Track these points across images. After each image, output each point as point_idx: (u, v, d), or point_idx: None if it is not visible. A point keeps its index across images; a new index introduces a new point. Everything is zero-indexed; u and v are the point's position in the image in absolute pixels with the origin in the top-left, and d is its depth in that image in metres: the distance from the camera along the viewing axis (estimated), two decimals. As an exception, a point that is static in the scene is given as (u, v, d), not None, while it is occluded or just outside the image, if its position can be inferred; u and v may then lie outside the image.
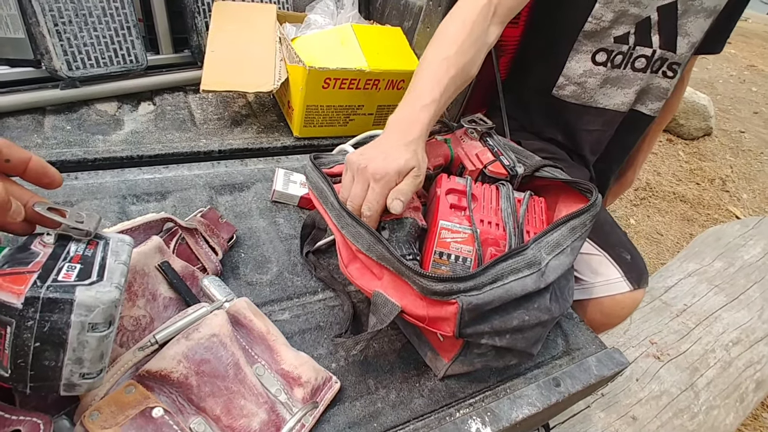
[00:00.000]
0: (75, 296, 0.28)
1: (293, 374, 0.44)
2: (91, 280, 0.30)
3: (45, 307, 0.28)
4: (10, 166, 0.34)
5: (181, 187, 0.67)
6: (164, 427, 0.36)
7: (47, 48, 0.75)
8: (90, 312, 0.29)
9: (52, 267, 0.30)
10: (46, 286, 0.28)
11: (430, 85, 0.55)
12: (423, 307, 0.43)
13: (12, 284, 0.28)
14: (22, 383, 0.29)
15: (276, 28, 0.89)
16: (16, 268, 0.29)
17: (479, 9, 0.60)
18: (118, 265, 0.33)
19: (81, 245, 0.34)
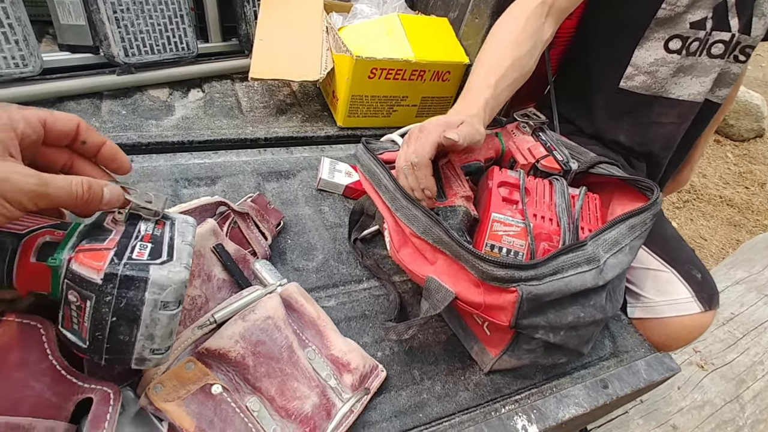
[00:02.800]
0: (149, 275, 0.29)
1: (343, 360, 0.44)
2: (162, 259, 0.31)
3: (122, 283, 0.29)
4: (86, 148, 0.36)
5: (230, 172, 0.69)
6: (223, 403, 0.36)
7: (106, 34, 0.77)
8: (163, 291, 0.29)
9: (126, 245, 0.31)
10: (123, 264, 0.29)
11: (486, 75, 0.56)
12: (479, 294, 0.42)
13: (92, 260, 0.29)
14: (98, 355, 0.30)
15: (323, 17, 0.89)
16: (93, 245, 0.30)
17: (533, 7, 0.60)
18: (185, 245, 0.34)
19: (150, 224, 0.35)
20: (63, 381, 0.33)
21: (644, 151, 0.78)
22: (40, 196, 0.28)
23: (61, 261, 0.30)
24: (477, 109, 0.53)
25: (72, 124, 0.34)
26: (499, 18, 0.63)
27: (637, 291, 0.73)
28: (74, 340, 0.30)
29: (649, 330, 0.70)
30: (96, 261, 0.29)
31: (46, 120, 0.32)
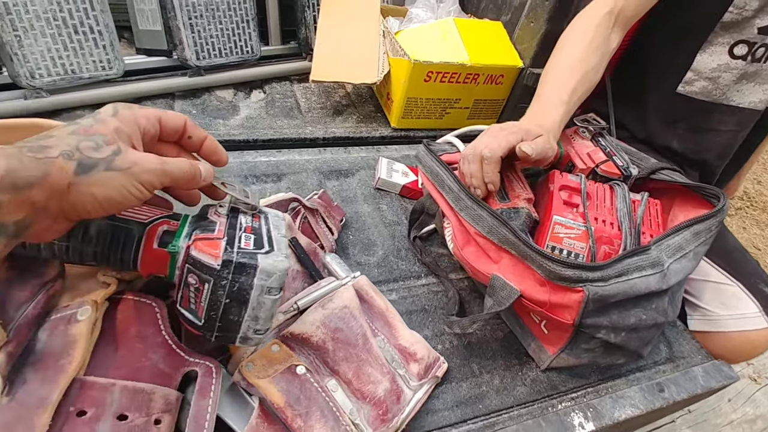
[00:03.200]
0: (258, 262, 0.32)
1: (410, 350, 0.47)
2: (266, 249, 0.34)
3: (236, 269, 0.32)
4: (191, 143, 0.40)
5: (293, 170, 0.73)
6: (307, 383, 0.40)
7: (181, 39, 0.83)
8: (269, 277, 0.33)
9: (233, 235, 0.35)
10: (236, 251, 0.33)
11: (558, 89, 0.57)
12: (544, 292, 0.44)
13: (210, 248, 0.33)
14: (210, 332, 0.34)
15: (380, 21, 0.92)
16: (207, 234, 0.34)
17: (600, 18, 0.61)
18: (282, 237, 0.37)
19: (248, 217, 0.38)
20: (173, 354, 0.37)
21: (698, 159, 0.77)
22: (163, 173, 0.32)
23: (179, 248, 0.34)
24: (552, 124, 0.55)
25: (181, 121, 0.38)
26: (566, 28, 0.64)
27: (696, 302, 0.72)
28: (191, 318, 0.34)
29: (709, 342, 0.69)
30: (213, 249, 0.32)
31: (161, 117, 0.36)
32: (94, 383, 0.32)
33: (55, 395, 0.30)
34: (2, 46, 0.69)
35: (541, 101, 0.58)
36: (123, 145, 0.31)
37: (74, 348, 0.33)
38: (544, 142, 0.51)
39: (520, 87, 0.92)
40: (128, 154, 0.31)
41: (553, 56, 0.63)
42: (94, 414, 0.31)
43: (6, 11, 0.68)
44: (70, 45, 0.74)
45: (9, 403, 0.30)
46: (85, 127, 0.31)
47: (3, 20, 0.68)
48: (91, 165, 0.29)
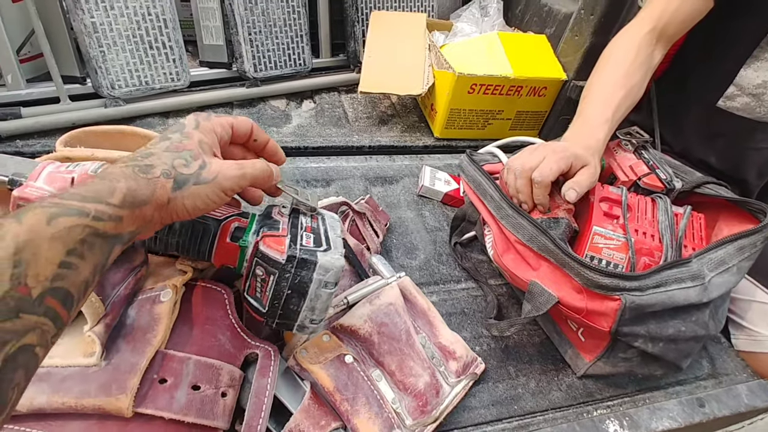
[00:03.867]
0: (318, 259, 0.36)
1: (449, 348, 0.50)
2: (324, 247, 0.38)
3: (299, 264, 0.36)
4: (256, 145, 0.44)
5: (342, 176, 0.77)
6: (354, 371, 0.43)
7: (241, 53, 0.90)
8: (326, 272, 0.36)
9: (295, 234, 0.39)
10: (298, 248, 0.36)
11: (602, 106, 0.58)
12: (581, 299, 0.46)
13: (276, 244, 0.37)
14: (272, 319, 0.38)
15: (425, 35, 0.96)
16: (273, 232, 0.38)
17: (643, 35, 0.61)
18: (338, 238, 0.41)
19: (307, 218, 0.42)
20: (238, 336, 0.41)
21: (735, 176, 0.75)
22: (242, 177, 0.36)
23: (248, 243, 0.39)
24: (597, 143, 0.56)
25: (248, 125, 0.42)
26: (608, 45, 0.65)
27: (741, 322, 0.70)
28: (256, 306, 0.38)
29: (754, 363, 0.67)
30: (279, 245, 0.37)
31: (233, 124, 0.40)
32: (173, 356, 0.37)
33: (143, 363, 0.35)
34: (89, 60, 0.78)
35: (585, 118, 0.59)
36: (206, 157, 0.35)
37: (158, 324, 0.38)
38: (588, 177, 0.52)
39: (563, 99, 0.93)
40: (212, 165, 0.35)
41: (596, 73, 0.64)
42: (173, 383, 0.36)
43: (94, 30, 0.76)
44: (145, 59, 0.82)
45: (106, 366, 0.35)
46: (176, 143, 0.35)
47: (91, 37, 0.76)
48: (184, 181, 0.33)
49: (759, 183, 0.76)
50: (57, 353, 0.35)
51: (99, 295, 0.35)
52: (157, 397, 0.35)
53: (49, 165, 0.38)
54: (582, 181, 0.52)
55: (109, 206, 0.28)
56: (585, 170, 0.52)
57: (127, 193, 0.30)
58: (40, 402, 0.33)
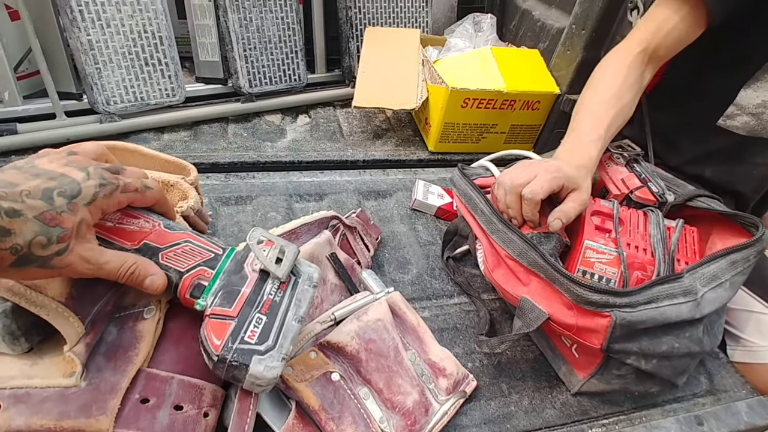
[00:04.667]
0: (250, 367, 0.34)
1: (439, 365, 0.49)
2: (267, 344, 0.35)
3: (230, 367, 0.34)
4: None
5: (335, 190, 0.77)
6: (340, 389, 0.43)
7: (236, 69, 0.91)
8: (257, 379, 0.35)
9: (244, 319, 0.36)
10: (234, 348, 0.34)
11: (593, 124, 0.58)
12: (572, 316, 0.45)
13: (215, 335, 0.35)
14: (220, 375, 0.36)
15: (419, 50, 0.97)
16: (223, 309, 0.36)
17: (633, 56, 0.62)
18: (294, 324, 0.37)
19: (275, 285, 0.39)
20: (222, 355, 0.41)
21: (731, 190, 0.75)
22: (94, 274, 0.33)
23: (203, 307, 0.37)
24: (589, 160, 0.55)
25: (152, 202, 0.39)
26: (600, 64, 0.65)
27: (737, 333, 0.70)
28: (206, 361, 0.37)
29: (751, 375, 0.66)
30: (218, 337, 0.35)
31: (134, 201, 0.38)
32: (156, 375, 0.36)
33: (124, 383, 0.35)
34: (85, 76, 0.79)
35: (577, 135, 0.59)
36: (74, 242, 0.31)
37: (140, 342, 0.37)
38: (577, 205, 0.51)
39: (556, 112, 0.93)
40: (70, 254, 0.31)
41: (587, 91, 0.64)
42: (156, 403, 0.35)
43: (90, 47, 0.77)
44: (140, 75, 0.83)
45: (86, 386, 0.34)
46: (54, 212, 0.30)
47: (87, 55, 0.77)
48: (30, 261, 0.29)
49: (755, 197, 0.76)
50: (37, 374, 0.34)
51: (78, 314, 0.34)
52: (138, 418, 0.34)
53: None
54: (569, 210, 0.51)
55: None
56: (575, 196, 0.52)
57: None
58: (18, 424, 0.32)
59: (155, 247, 0.38)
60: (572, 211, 0.51)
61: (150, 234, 0.38)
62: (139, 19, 0.80)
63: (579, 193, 0.52)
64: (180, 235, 0.39)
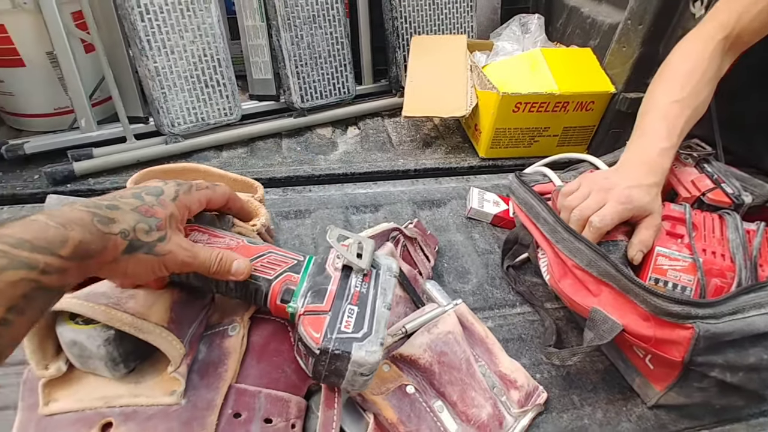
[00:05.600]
0: (352, 354, 0.36)
1: (510, 377, 0.49)
2: (363, 331, 0.37)
3: (332, 357, 0.36)
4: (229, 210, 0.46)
5: (389, 201, 0.78)
6: (416, 402, 0.43)
7: (289, 85, 0.94)
8: (360, 367, 0.36)
9: (337, 310, 0.38)
10: (333, 339, 0.35)
11: (666, 129, 0.54)
12: (648, 327, 0.44)
13: (312, 330, 0.36)
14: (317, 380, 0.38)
15: (467, 56, 0.96)
16: (316, 305, 0.38)
17: (714, 44, 0.56)
18: (384, 311, 0.39)
19: (359, 278, 0.41)
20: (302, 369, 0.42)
21: None
22: (189, 266, 0.36)
23: (295, 309, 0.39)
24: (660, 176, 0.52)
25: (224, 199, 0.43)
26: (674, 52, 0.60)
27: None
28: (303, 368, 0.39)
29: None
30: (316, 331, 0.36)
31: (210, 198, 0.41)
32: (245, 390, 0.39)
33: (219, 399, 0.37)
34: (152, 101, 0.84)
35: (647, 143, 0.54)
36: (170, 231, 0.35)
37: (228, 358, 0.40)
38: (653, 232, 0.49)
39: (612, 112, 0.90)
40: (169, 242, 0.34)
41: (660, 85, 0.58)
42: (247, 417, 0.37)
43: (156, 73, 0.82)
44: (201, 97, 0.87)
45: (186, 404, 0.37)
46: (147, 206, 0.34)
47: (154, 80, 0.82)
48: (138, 247, 0.32)
49: None
50: (141, 392, 0.37)
51: (179, 336, 0.37)
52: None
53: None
54: (647, 240, 0.49)
55: (58, 258, 0.27)
56: (649, 222, 0.50)
57: (79, 245, 0.28)
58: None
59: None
60: (650, 239, 0.49)
61: (236, 249, 0.41)
62: (199, 43, 0.84)
63: (653, 218, 0.50)
64: (262, 248, 0.42)
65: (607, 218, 0.49)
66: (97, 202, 0.32)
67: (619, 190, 0.51)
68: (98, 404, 0.36)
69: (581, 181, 0.55)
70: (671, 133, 0.54)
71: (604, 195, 0.51)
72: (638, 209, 0.50)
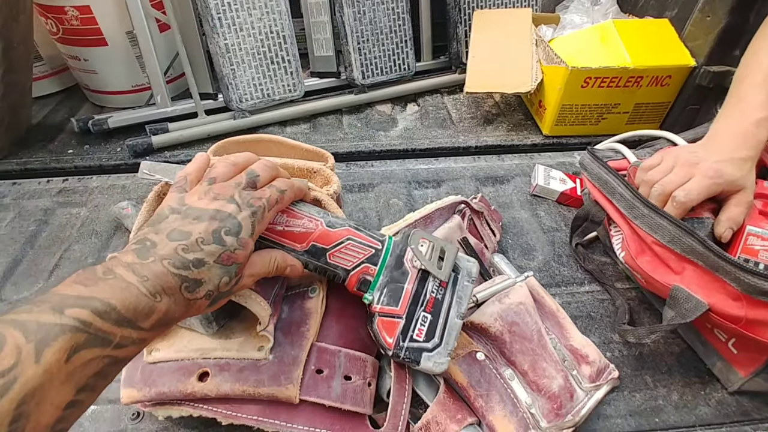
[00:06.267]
0: (420, 364, 0.37)
1: (581, 352, 0.48)
2: (434, 342, 0.38)
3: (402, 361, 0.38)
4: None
5: (451, 177, 0.78)
6: (486, 368, 0.44)
7: (350, 62, 0.95)
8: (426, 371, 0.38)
9: (412, 314, 0.39)
10: (405, 346, 0.37)
11: (766, 94, 0.49)
12: (739, 307, 0.42)
13: (386, 333, 0.38)
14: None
15: (532, 30, 0.93)
16: (391, 308, 0.39)
17: None
18: (457, 322, 0.39)
19: (435, 284, 0.41)
20: (377, 330, 0.44)
21: None
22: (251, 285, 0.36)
23: (370, 301, 0.40)
24: (755, 149, 0.48)
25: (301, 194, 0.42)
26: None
27: None
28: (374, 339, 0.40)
29: None
30: (389, 335, 0.38)
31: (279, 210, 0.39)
32: (326, 348, 0.40)
33: (303, 356, 0.39)
34: (222, 77, 0.87)
35: (742, 112, 0.50)
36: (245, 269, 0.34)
37: (310, 318, 0.41)
38: (744, 209, 0.46)
39: (690, 87, 0.85)
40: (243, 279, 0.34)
41: (758, 52, 0.53)
42: (329, 373, 0.39)
43: (226, 50, 0.85)
44: (267, 73, 0.90)
45: (273, 359, 0.39)
46: (229, 251, 0.32)
47: (224, 57, 0.85)
48: (219, 298, 0.33)
49: None
50: (232, 347, 0.39)
51: (265, 297, 0.39)
52: (317, 387, 0.38)
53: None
54: (737, 217, 0.46)
55: (140, 330, 0.26)
56: (740, 198, 0.47)
57: (163, 317, 0.28)
58: (225, 389, 0.37)
59: (322, 248, 0.40)
60: (741, 216, 0.46)
61: (315, 234, 0.40)
62: (266, 21, 0.86)
63: (744, 194, 0.47)
64: (341, 233, 0.41)
65: (693, 193, 0.47)
66: (183, 256, 0.30)
67: (708, 165, 0.48)
68: (195, 355, 0.39)
69: (663, 155, 0.52)
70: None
71: (689, 169, 0.48)
72: (728, 184, 0.47)
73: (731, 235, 0.47)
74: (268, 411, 0.37)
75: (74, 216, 0.71)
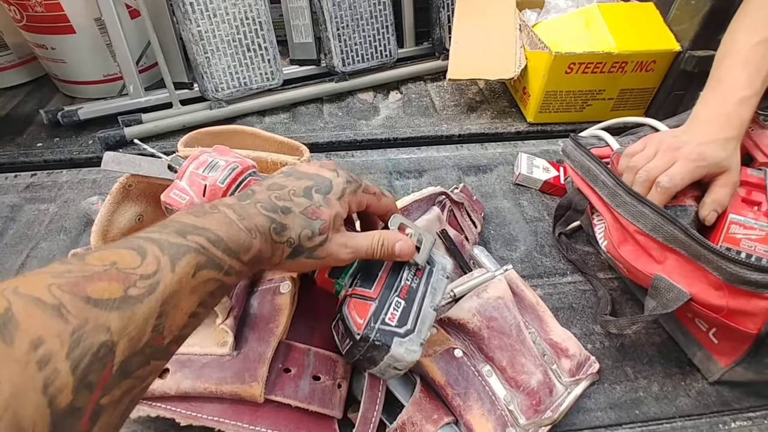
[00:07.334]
0: (391, 348, 0.34)
1: (561, 345, 0.47)
2: (406, 328, 0.35)
3: (371, 346, 0.34)
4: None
5: (433, 166, 0.76)
6: (464, 365, 0.43)
7: (330, 49, 0.92)
8: (396, 362, 0.35)
9: (385, 299, 0.36)
10: (376, 328, 0.34)
11: (748, 75, 0.48)
12: (720, 297, 0.41)
13: (357, 315, 0.35)
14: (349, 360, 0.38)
15: (516, 15, 0.91)
16: (364, 290, 0.37)
17: None
18: (430, 312, 0.37)
19: (411, 271, 0.39)
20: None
21: None
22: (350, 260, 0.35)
23: (342, 287, 0.38)
24: (739, 128, 0.47)
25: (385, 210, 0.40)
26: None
27: None
28: (336, 342, 0.38)
29: None
30: (360, 316, 0.35)
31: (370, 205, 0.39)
32: (295, 347, 0.39)
33: (269, 353, 0.37)
34: (196, 66, 0.84)
35: (725, 91, 0.49)
36: (331, 233, 0.34)
37: (279, 315, 0.40)
38: (729, 191, 0.45)
39: (675, 73, 0.83)
40: (330, 244, 0.34)
41: (740, 30, 0.51)
42: (297, 372, 0.38)
43: (200, 37, 0.82)
44: (243, 61, 0.87)
45: (237, 356, 0.37)
46: (315, 206, 0.33)
47: (197, 45, 0.82)
48: (300, 252, 0.33)
49: None
50: (194, 342, 0.38)
51: (226, 290, 0.37)
52: (284, 386, 0.37)
53: (192, 164, 0.39)
54: (722, 199, 0.45)
55: (240, 263, 0.29)
56: (725, 179, 0.46)
57: (258, 254, 0.30)
58: (185, 387, 0.36)
59: None
60: (726, 198, 0.45)
61: None
62: (241, 6, 0.83)
63: (729, 175, 0.46)
64: None
65: (677, 178, 0.45)
66: (275, 202, 0.32)
67: (690, 148, 0.46)
68: (155, 353, 0.38)
69: (646, 141, 0.51)
70: (753, 79, 0.47)
71: (672, 154, 0.47)
72: (712, 166, 0.46)
73: (714, 220, 0.46)
74: (231, 411, 0.35)
75: (42, 212, 0.68)
